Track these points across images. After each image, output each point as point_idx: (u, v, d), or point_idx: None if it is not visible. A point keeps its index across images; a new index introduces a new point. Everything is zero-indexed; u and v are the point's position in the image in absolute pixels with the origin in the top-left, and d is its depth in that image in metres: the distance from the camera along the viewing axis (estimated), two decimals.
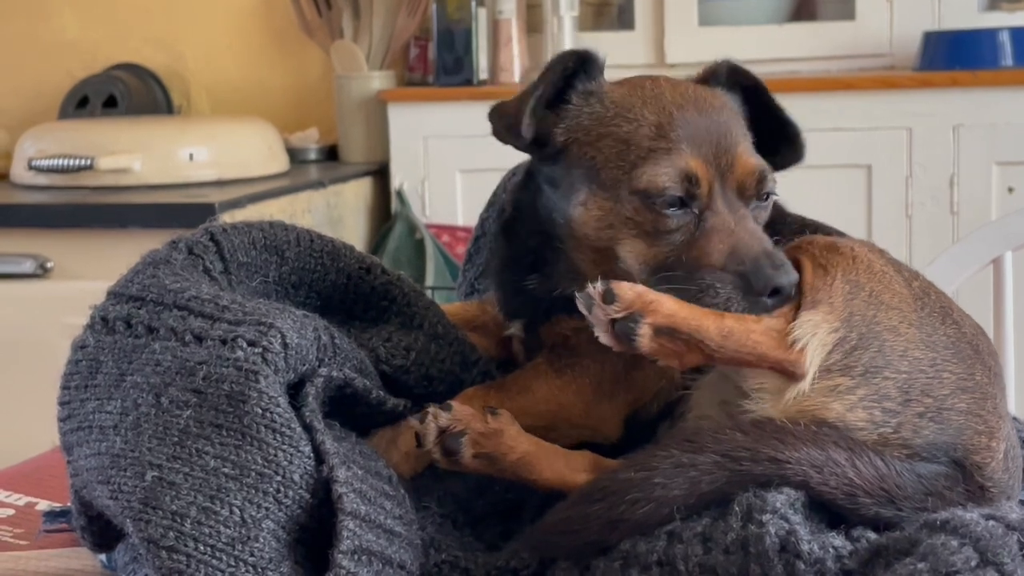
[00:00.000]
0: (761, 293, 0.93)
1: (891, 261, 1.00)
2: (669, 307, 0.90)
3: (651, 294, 0.91)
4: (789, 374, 0.90)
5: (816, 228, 1.08)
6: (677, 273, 0.96)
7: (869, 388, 0.90)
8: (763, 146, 1.05)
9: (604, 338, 0.91)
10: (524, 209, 1.09)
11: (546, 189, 1.06)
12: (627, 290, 0.90)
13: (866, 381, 0.90)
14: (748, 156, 1.00)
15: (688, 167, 0.97)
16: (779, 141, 1.08)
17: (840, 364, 0.90)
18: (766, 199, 1.02)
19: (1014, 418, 1.04)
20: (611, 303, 0.90)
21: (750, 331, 0.91)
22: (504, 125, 1.03)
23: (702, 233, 0.97)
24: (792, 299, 0.94)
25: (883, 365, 0.91)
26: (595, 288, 0.90)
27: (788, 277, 0.94)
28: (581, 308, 0.91)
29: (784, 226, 1.07)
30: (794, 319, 0.92)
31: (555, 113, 1.03)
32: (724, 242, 0.96)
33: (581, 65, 1.03)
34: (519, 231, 1.10)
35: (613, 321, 0.90)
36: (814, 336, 0.91)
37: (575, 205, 1.01)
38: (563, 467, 0.96)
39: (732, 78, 1.08)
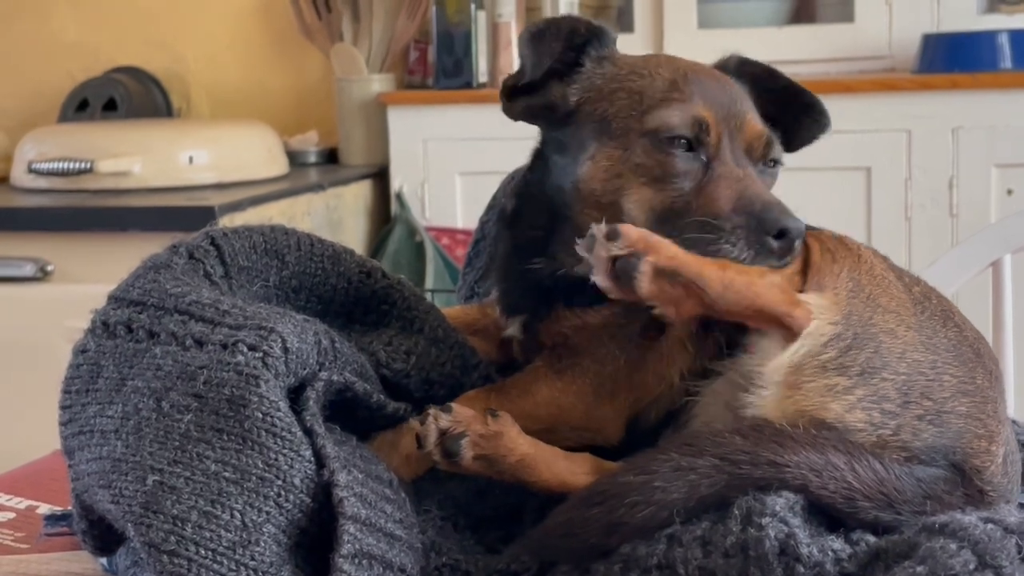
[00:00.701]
0: (769, 232, 0.94)
1: (892, 267, 1.01)
2: (673, 250, 0.91)
3: (655, 236, 0.91)
4: (787, 330, 0.90)
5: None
6: (687, 220, 0.97)
7: (867, 389, 0.90)
8: (784, 127, 1.08)
9: (602, 279, 0.90)
10: (529, 192, 1.10)
11: (554, 159, 1.07)
12: (632, 230, 0.91)
13: (864, 381, 0.90)
14: (757, 122, 1.03)
15: (699, 114, 1.00)
16: (800, 116, 1.10)
17: (836, 363, 0.90)
18: (773, 166, 1.04)
19: (1013, 421, 1.04)
20: (614, 240, 0.90)
21: (752, 283, 0.91)
22: (512, 77, 1.05)
23: (710, 180, 0.99)
24: (797, 253, 0.95)
25: (880, 366, 0.91)
26: (599, 227, 0.91)
27: (796, 223, 0.95)
28: (581, 251, 0.91)
29: None
30: (800, 290, 0.92)
31: (566, 82, 1.05)
32: (732, 188, 0.98)
33: (594, 35, 1.06)
34: (524, 217, 1.10)
35: (614, 260, 0.90)
36: (820, 315, 0.91)
37: (583, 162, 1.03)
38: (563, 469, 0.96)
39: (741, 70, 1.10)
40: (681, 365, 1.01)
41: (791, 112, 1.10)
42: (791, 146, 1.10)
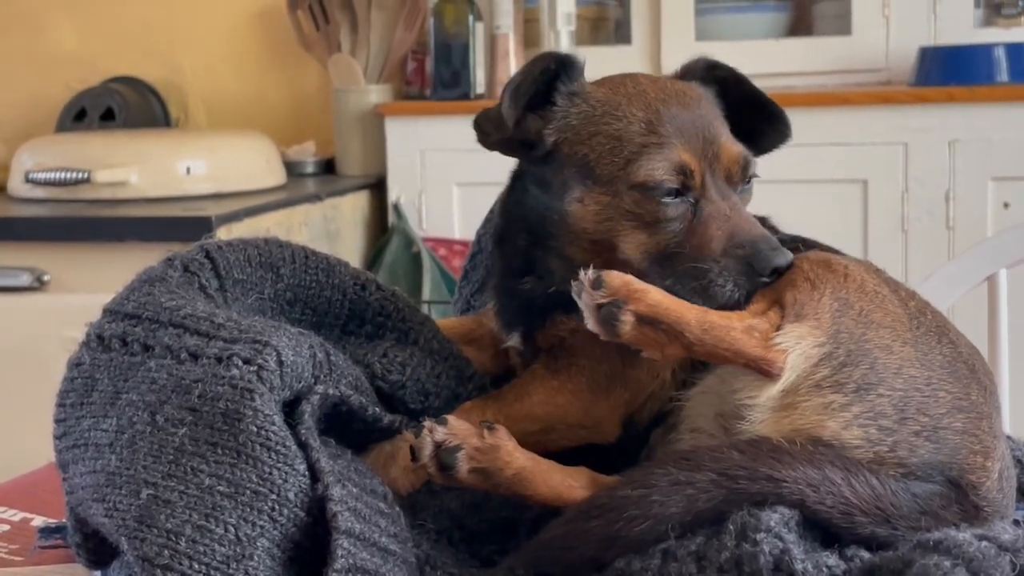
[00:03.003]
0: (762, 274, 0.97)
1: (887, 280, 1.01)
2: (654, 297, 0.93)
3: (637, 283, 0.93)
4: (765, 373, 0.92)
5: (810, 246, 1.09)
6: (682, 266, 0.99)
7: (864, 405, 0.90)
8: (747, 132, 1.10)
9: (590, 323, 0.93)
10: (512, 214, 1.12)
11: (534, 190, 1.08)
12: (615, 278, 0.93)
13: (860, 398, 0.90)
14: (731, 144, 1.05)
15: (681, 159, 1.01)
16: (763, 125, 1.12)
17: (830, 380, 0.91)
18: (749, 182, 1.07)
19: (1008, 437, 1.04)
20: (598, 289, 0.92)
21: (731, 327, 0.92)
22: (490, 123, 1.06)
23: (700, 221, 1.01)
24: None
25: (876, 382, 0.91)
26: (586, 275, 0.93)
27: (785, 258, 0.98)
28: (574, 295, 0.94)
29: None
30: (779, 328, 0.92)
31: (541, 116, 1.06)
32: (722, 228, 1.00)
33: (562, 67, 1.06)
34: (510, 237, 1.12)
35: (599, 306, 0.92)
36: (798, 345, 0.92)
37: (570, 201, 1.04)
38: (559, 483, 0.95)
39: (708, 73, 1.11)
40: (673, 362, 1.03)
41: (755, 119, 1.12)
42: (753, 151, 1.11)
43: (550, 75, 1.06)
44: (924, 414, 0.91)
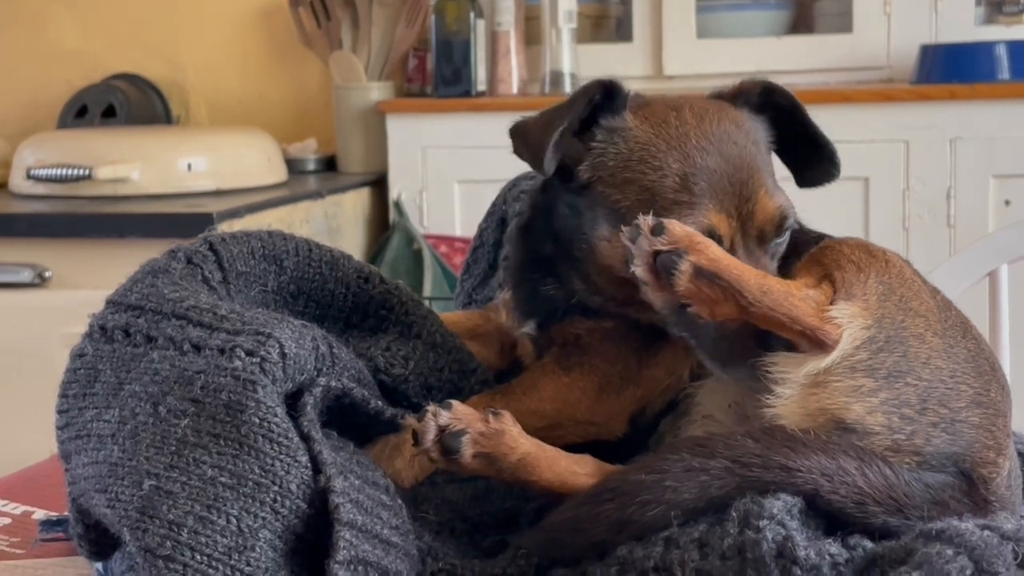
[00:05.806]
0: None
1: (917, 273, 1.01)
2: (715, 252, 0.91)
3: (700, 236, 0.91)
4: (818, 343, 0.90)
5: None
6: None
7: (891, 392, 0.90)
8: (794, 162, 1.08)
9: (641, 272, 0.91)
10: (541, 214, 1.10)
11: (564, 210, 1.06)
12: (677, 227, 0.91)
13: (888, 385, 0.90)
14: (768, 200, 1.01)
15: (711, 224, 0.98)
16: (812, 160, 1.10)
17: (865, 364, 0.90)
18: (783, 234, 1.04)
19: (1012, 433, 1.04)
20: (659, 235, 0.90)
21: (789, 293, 0.91)
22: (529, 152, 1.03)
23: None
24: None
25: (906, 371, 0.91)
26: (646, 220, 0.91)
27: None
28: (625, 240, 0.91)
29: (804, 243, 1.07)
30: (832, 302, 0.92)
31: (581, 141, 1.03)
32: None
33: (607, 98, 1.02)
34: (535, 234, 1.10)
35: (656, 253, 0.90)
36: (850, 323, 0.91)
37: (599, 239, 1.02)
38: (564, 469, 0.95)
39: (765, 99, 1.08)
40: (692, 362, 1.02)
41: (805, 151, 1.09)
42: (797, 182, 1.10)
43: (595, 104, 1.02)
44: (944, 406, 0.91)
